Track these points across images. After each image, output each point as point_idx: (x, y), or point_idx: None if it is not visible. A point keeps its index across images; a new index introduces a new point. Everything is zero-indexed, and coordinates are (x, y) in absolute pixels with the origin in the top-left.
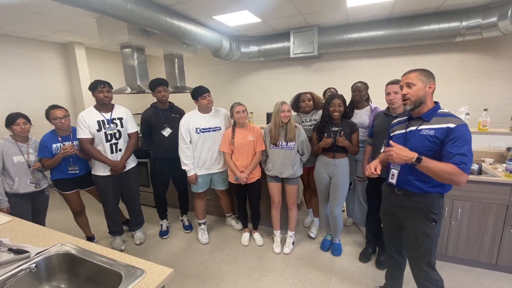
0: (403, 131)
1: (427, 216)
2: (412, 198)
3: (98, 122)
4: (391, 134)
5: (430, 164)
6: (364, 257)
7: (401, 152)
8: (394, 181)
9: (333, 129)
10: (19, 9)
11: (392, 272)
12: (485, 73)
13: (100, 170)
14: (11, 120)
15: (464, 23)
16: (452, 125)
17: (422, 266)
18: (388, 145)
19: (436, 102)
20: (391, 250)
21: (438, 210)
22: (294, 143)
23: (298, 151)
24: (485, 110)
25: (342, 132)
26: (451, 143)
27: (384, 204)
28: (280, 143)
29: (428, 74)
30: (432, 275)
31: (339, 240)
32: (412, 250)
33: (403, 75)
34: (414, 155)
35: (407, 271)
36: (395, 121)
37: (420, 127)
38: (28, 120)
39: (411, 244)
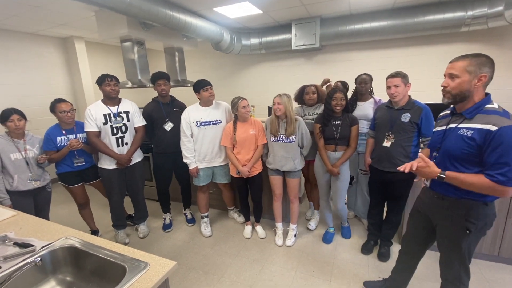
0: (444, 127)
1: (461, 223)
2: (447, 203)
3: (105, 115)
4: (433, 130)
5: (457, 180)
6: (366, 249)
7: (423, 170)
8: (428, 183)
9: (334, 122)
10: (17, 3)
11: (402, 269)
12: None
13: (106, 163)
14: (4, 117)
15: (470, 13)
16: (493, 128)
17: (453, 262)
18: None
19: (487, 94)
20: (410, 249)
21: (477, 219)
22: (294, 136)
23: (298, 144)
24: None
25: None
26: (490, 151)
27: (416, 203)
28: (280, 136)
29: (481, 63)
30: (462, 276)
31: (348, 223)
32: (443, 252)
33: (450, 62)
34: (436, 172)
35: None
36: (441, 114)
37: (460, 125)
38: (23, 116)
39: (443, 246)
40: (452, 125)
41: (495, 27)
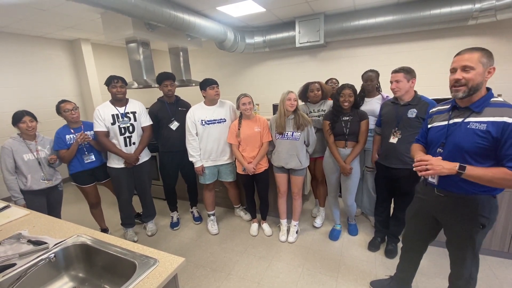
0: (445, 122)
1: (475, 220)
2: (458, 201)
3: (113, 115)
4: (429, 126)
5: (477, 172)
6: (373, 246)
7: (441, 163)
8: (435, 181)
9: (343, 118)
10: (25, 7)
11: (408, 266)
12: (499, 58)
13: (115, 162)
14: (17, 118)
15: (478, 5)
16: (509, 120)
17: (466, 260)
18: (403, 132)
19: (488, 89)
20: (414, 246)
21: (489, 213)
22: (300, 133)
23: (304, 142)
24: (498, 95)
25: None
26: (510, 144)
27: (418, 203)
28: (286, 134)
29: (490, 56)
30: (473, 271)
31: (355, 221)
32: (455, 250)
33: (458, 55)
34: (455, 164)
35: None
36: (434, 109)
37: (468, 119)
38: (34, 117)
39: (454, 245)
40: (457, 120)
41: (504, 19)
